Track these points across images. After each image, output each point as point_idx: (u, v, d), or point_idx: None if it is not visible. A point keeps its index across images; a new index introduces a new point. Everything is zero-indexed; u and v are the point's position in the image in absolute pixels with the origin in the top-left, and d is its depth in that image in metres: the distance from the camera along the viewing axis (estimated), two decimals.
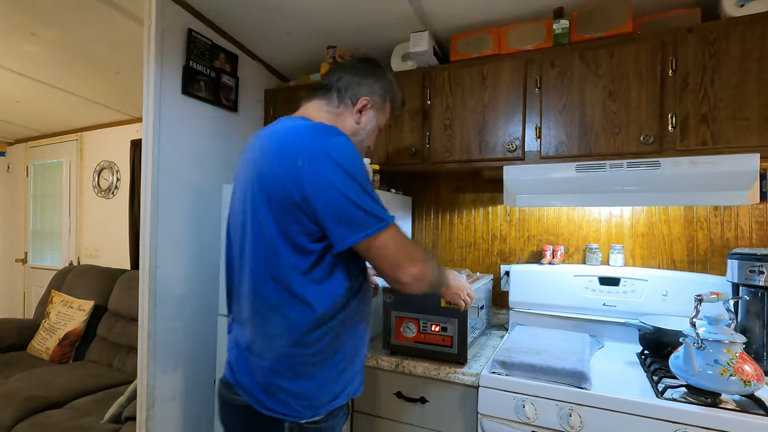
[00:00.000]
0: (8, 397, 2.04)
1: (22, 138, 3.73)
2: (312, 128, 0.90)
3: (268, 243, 0.88)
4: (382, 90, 1.07)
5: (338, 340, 0.92)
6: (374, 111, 1.06)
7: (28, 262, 3.70)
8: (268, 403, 0.88)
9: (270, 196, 0.87)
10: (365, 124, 1.05)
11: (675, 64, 1.33)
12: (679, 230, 1.59)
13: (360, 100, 1.03)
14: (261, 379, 0.89)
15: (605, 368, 1.29)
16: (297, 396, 0.88)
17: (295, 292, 0.87)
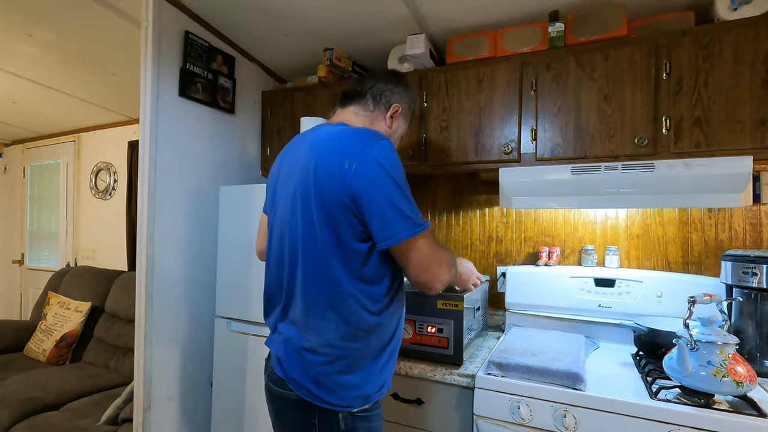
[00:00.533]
0: (5, 399, 2.04)
1: (19, 139, 3.73)
2: (356, 132, 0.96)
3: (321, 244, 0.92)
4: (409, 99, 1.15)
5: (385, 334, 0.98)
6: (403, 118, 1.14)
7: (25, 264, 3.69)
8: (322, 395, 0.93)
9: (322, 199, 0.91)
10: (395, 129, 1.13)
11: (669, 67, 1.34)
12: (674, 232, 1.60)
13: (392, 105, 1.10)
14: (314, 374, 0.93)
15: (600, 369, 1.29)
16: (349, 388, 0.94)
17: (348, 290, 0.92)
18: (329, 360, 0.93)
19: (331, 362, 0.93)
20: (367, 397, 0.96)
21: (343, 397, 0.93)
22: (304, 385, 0.94)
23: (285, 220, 1.00)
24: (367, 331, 0.95)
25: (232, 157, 1.95)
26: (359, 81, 1.12)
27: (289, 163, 1.04)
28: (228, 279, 1.75)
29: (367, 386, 0.96)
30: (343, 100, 1.11)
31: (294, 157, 1.02)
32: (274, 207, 1.07)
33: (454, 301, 1.36)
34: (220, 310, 1.77)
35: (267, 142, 2.10)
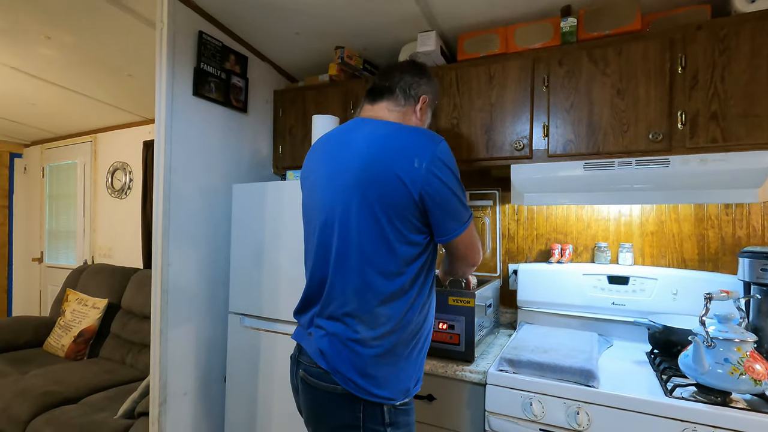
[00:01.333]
0: (25, 393, 2.09)
1: (38, 140, 3.82)
2: (414, 131, 0.99)
3: (377, 239, 0.95)
4: (434, 89, 1.17)
5: (424, 328, 1.03)
6: (429, 108, 1.16)
7: (44, 262, 3.78)
8: (370, 387, 0.94)
9: (382, 195, 0.93)
10: (425, 121, 1.15)
11: (684, 62, 1.32)
12: (690, 228, 1.58)
13: (421, 98, 1.11)
14: (362, 365, 0.95)
15: (614, 367, 1.28)
16: (395, 380, 0.97)
17: (400, 283, 0.96)
18: (380, 353, 0.95)
19: (382, 355, 0.96)
20: (407, 390, 0.99)
21: (390, 389, 0.96)
22: (351, 377, 0.94)
23: (336, 216, 0.98)
24: (413, 324, 0.99)
25: (245, 156, 1.98)
26: (385, 75, 1.12)
27: (336, 161, 1.02)
28: (241, 275, 1.77)
29: (408, 379, 0.99)
30: (372, 96, 1.10)
31: (344, 154, 1.01)
32: (319, 205, 1.04)
33: (466, 298, 1.36)
34: (233, 306, 1.79)
35: (279, 140, 2.12)
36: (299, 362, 1.04)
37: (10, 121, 3.29)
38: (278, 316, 1.66)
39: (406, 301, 0.97)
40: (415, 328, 1.00)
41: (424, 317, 1.02)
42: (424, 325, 1.03)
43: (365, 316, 0.96)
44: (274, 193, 1.70)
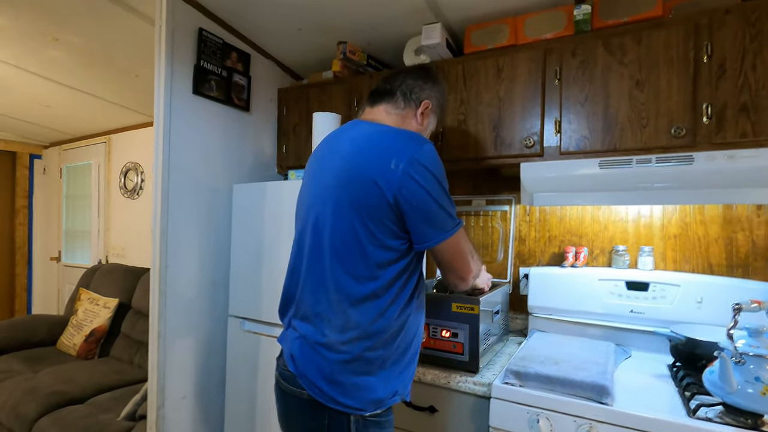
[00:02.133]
0: (34, 392, 2.11)
1: (57, 141, 3.89)
2: (400, 133, 0.96)
3: (350, 240, 0.92)
4: (439, 96, 1.12)
5: (404, 338, 0.97)
6: (433, 114, 1.11)
7: (62, 261, 3.85)
8: (335, 395, 0.90)
9: (356, 197, 0.91)
10: (426, 126, 1.10)
11: (710, 49, 1.21)
12: (717, 231, 1.45)
13: (423, 102, 1.07)
14: (329, 372, 0.91)
15: (631, 381, 1.18)
16: (364, 389, 0.91)
17: (372, 289, 0.91)
18: (347, 359, 0.91)
19: (349, 361, 0.91)
20: (381, 401, 0.93)
21: (357, 399, 0.91)
22: (317, 383, 0.91)
23: (314, 215, 0.99)
24: (386, 333, 0.93)
25: (247, 156, 1.94)
26: (388, 78, 1.10)
27: (324, 161, 1.02)
28: (241, 278, 1.73)
29: (381, 390, 0.93)
30: (372, 98, 1.09)
31: (331, 154, 1.01)
32: (306, 204, 1.04)
33: (470, 305, 1.28)
34: (233, 309, 1.75)
35: (283, 140, 2.07)
36: (277, 364, 1.03)
37: (29, 123, 3.35)
38: (278, 321, 1.61)
39: (377, 306, 0.92)
40: (389, 337, 0.94)
41: (402, 326, 0.96)
42: (402, 335, 0.96)
43: (334, 318, 0.93)
44: (275, 193, 1.65)
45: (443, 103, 1.15)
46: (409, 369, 1.00)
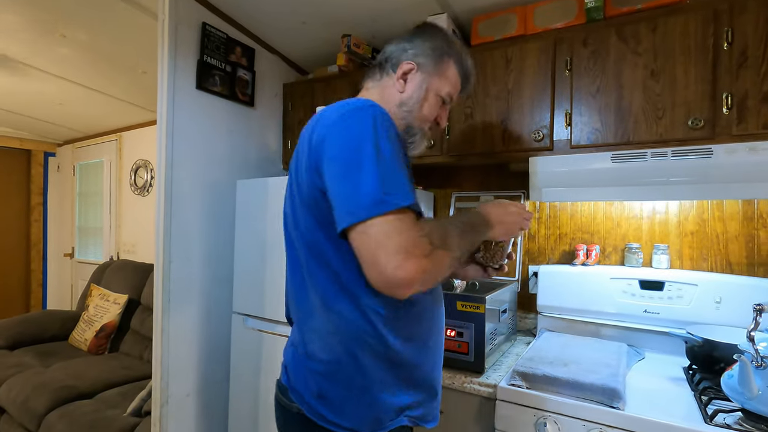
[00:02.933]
0: (44, 386, 2.13)
1: (70, 139, 3.94)
2: (337, 103, 0.79)
3: (307, 233, 0.80)
4: (435, 49, 0.91)
5: (392, 344, 0.80)
6: (423, 74, 0.90)
7: (75, 257, 3.90)
8: (325, 412, 0.79)
9: (300, 184, 0.80)
10: (412, 91, 0.90)
11: (731, 36, 1.15)
12: (737, 228, 1.39)
13: (401, 65, 0.90)
14: (316, 386, 0.80)
15: (644, 384, 1.13)
16: (358, 405, 0.79)
17: (342, 285, 0.78)
18: (330, 370, 0.79)
19: (332, 373, 0.79)
20: (378, 420, 0.79)
21: (351, 418, 0.78)
22: (306, 397, 0.81)
23: (287, 207, 0.90)
24: (367, 336, 0.78)
25: (251, 151, 1.92)
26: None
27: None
28: (245, 275, 1.72)
29: (379, 407, 0.79)
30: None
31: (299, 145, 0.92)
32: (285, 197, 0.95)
33: (476, 303, 1.24)
34: (237, 306, 1.74)
35: (288, 135, 2.05)
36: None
37: (43, 121, 3.40)
38: (281, 318, 1.59)
39: (351, 303, 0.78)
40: (374, 342, 0.78)
41: (389, 330, 0.79)
42: (388, 339, 0.79)
43: (315, 322, 0.82)
44: (278, 189, 1.63)
45: (455, 58, 0.93)
46: (410, 386, 0.82)
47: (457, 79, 0.95)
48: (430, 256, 0.68)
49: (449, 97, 0.94)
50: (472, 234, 0.84)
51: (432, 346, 0.87)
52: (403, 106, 0.90)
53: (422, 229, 0.69)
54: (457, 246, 0.76)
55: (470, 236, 0.83)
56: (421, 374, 0.85)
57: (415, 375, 0.84)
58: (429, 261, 0.67)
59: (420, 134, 0.93)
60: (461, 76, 0.95)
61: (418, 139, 0.94)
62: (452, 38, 0.95)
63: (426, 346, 0.86)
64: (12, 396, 2.14)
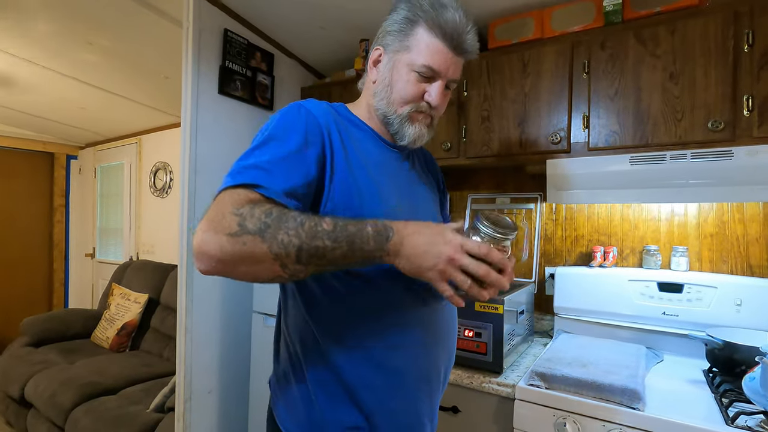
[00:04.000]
0: (70, 382, 2.20)
1: (91, 142, 4.05)
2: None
3: None
4: (397, 22, 0.78)
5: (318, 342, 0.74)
6: (389, 54, 0.79)
7: (96, 257, 4.00)
8: (282, 414, 0.78)
9: None
10: (381, 77, 0.80)
11: (752, 38, 1.15)
12: (758, 230, 1.38)
13: (371, 54, 0.82)
14: (277, 386, 0.81)
15: (663, 386, 1.14)
16: (299, 410, 0.75)
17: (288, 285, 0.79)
18: (280, 371, 0.80)
19: (283, 375, 0.79)
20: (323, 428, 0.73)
21: (296, 421, 0.75)
22: (273, 396, 0.83)
23: None
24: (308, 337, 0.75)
25: None
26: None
27: None
28: None
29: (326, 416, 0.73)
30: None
31: None
32: None
33: (494, 304, 1.26)
34: (257, 305, 1.78)
35: None
36: None
37: (66, 125, 3.50)
38: None
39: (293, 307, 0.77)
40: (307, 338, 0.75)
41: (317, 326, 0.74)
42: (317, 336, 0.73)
43: (279, 318, 0.84)
44: None
45: (408, 26, 0.77)
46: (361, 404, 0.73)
47: (433, 41, 0.76)
48: (236, 239, 0.58)
49: (425, 67, 0.76)
50: (344, 247, 0.61)
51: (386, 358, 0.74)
52: (376, 96, 0.81)
53: (241, 208, 0.60)
54: (295, 247, 0.59)
55: (338, 248, 0.60)
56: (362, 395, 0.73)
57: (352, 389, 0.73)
58: (229, 241, 0.58)
59: (398, 120, 0.79)
60: (441, 37, 0.75)
61: (397, 126, 0.80)
62: (419, 1, 0.77)
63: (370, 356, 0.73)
64: (39, 391, 2.22)
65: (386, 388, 0.74)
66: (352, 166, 0.74)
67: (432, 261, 0.61)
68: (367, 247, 0.61)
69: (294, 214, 0.61)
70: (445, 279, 0.62)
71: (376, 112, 0.82)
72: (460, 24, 0.76)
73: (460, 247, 0.61)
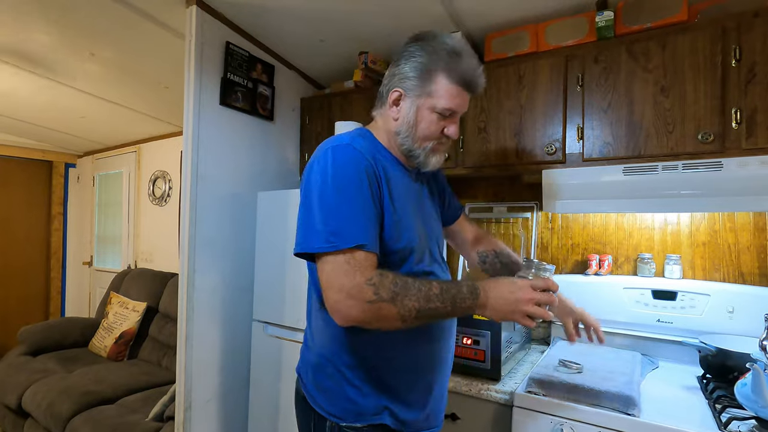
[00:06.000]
0: (68, 391, 2.19)
1: (90, 151, 4.06)
2: (324, 141, 0.91)
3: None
4: (417, 68, 0.88)
5: (365, 348, 0.89)
6: (411, 98, 0.90)
7: (93, 265, 4.00)
8: (317, 398, 0.91)
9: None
10: (403, 117, 0.91)
11: (739, 53, 1.19)
12: (748, 239, 1.41)
13: (390, 93, 0.91)
14: (312, 374, 0.93)
15: (658, 392, 1.16)
16: (340, 396, 0.89)
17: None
18: (320, 362, 0.92)
19: (321, 365, 0.91)
20: (360, 414, 0.88)
21: (334, 405, 0.89)
22: (306, 383, 0.94)
23: None
24: (334, 343, 0.90)
25: (271, 164, 1.99)
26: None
27: None
28: (265, 283, 1.77)
29: (359, 401, 0.88)
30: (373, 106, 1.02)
31: None
32: None
33: None
34: (257, 314, 1.79)
35: (305, 148, 2.12)
36: None
37: (65, 133, 3.51)
38: (301, 326, 1.64)
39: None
40: (339, 348, 0.89)
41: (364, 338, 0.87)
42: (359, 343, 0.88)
43: (311, 319, 0.96)
44: (296, 200, 1.68)
45: (444, 65, 0.87)
46: (392, 384, 0.89)
47: (453, 87, 0.88)
48: (373, 305, 0.76)
49: (447, 110, 0.89)
50: (449, 306, 0.80)
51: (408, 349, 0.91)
52: (399, 134, 0.92)
53: (371, 278, 0.77)
54: (415, 309, 0.77)
55: (445, 308, 0.80)
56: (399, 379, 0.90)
57: (392, 380, 0.90)
58: (370, 308, 0.76)
59: (423, 153, 0.92)
60: (457, 82, 0.87)
61: (422, 159, 0.93)
62: (437, 47, 0.88)
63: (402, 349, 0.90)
64: (37, 401, 2.21)
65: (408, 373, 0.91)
66: (394, 203, 0.87)
67: (513, 306, 0.82)
68: (464, 304, 0.81)
69: (411, 281, 0.79)
70: (526, 316, 0.82)
71: (400, 147, 0.94)
72: (475, 69, 0.89)
73: (530, 288, 0.82)
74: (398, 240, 0.86)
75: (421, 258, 0.91)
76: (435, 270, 0.96)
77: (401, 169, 0.95)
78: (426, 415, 0.94)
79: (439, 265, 0.99)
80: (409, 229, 0.89)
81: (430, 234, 0.98)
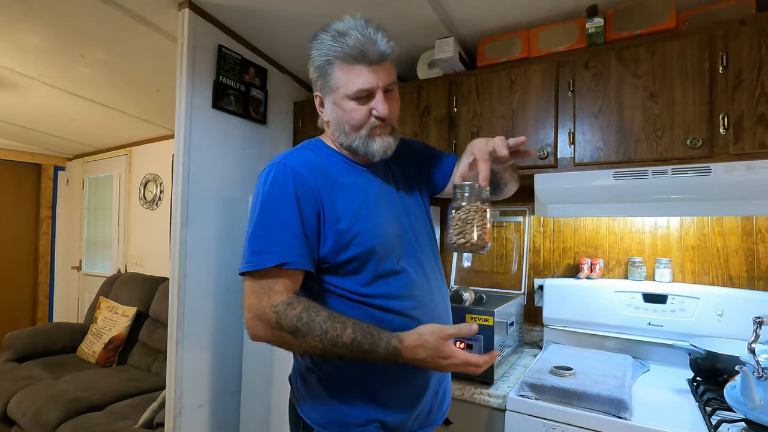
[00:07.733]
0: (55, 398, 2.15)
1: (80, 153, 4.01)
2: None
3: None
4: (317, 67, 0.86)
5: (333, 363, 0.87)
6: (326, 95, 0.89)
7: (82, 270, 3.94)
8: (304, 405, 0.91)
9: None
10: (330, 117, 0.90)
11: (726, 60, 1.21)
12: (737, 243, 1.43)
13: (315, 101, 0.93)
14: (299, 381, 0.93)
15: (649, 395, 1.16)
16: (323, 405, 0.88)
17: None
18: (303, 372, 0.92)
19: (305, 374, 0.91)
20: (345, 424, 0.86)
21: (320, 414, 0.88)
22: (296, 392, 0.94)
23: None
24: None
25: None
26: None
27: None
28: None
29: (346, 410, 0.86)
30: None
31: None
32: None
33: (484, 316, 1.28)
34: None
35: None
36: None
37: (54, 136, 3.47)
38: None
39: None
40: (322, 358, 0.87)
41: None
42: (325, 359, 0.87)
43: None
44: None
45: (325, 68, 0.84)
46: (375, 394, 0.86)
47: (350, 68, 0.83)
48: (276, 332, 0.78)
49: (360, 92, 0.83)
50: (358, 357, 0.79)
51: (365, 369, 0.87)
52: (335, 134, 0.91)
53: (277, 305, 0.78)
54: (319, 349, 0.77)
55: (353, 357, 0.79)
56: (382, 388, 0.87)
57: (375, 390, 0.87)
58: (274, 333, 0.79)
59: (361, 142, 0.88)
60: (353, 60, 0.82)
61: (363, 148, 0.88)
62: (323, 38, 0.84)
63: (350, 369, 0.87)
64: (23, 408, 2.17)
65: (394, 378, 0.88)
66: (342, 213, 0.85)
67: (437, 367, 0.81)
68: (380, 359, 0.79)
69: (320, 320, 0.77)
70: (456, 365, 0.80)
71: (342, 146, 0.92)
72: (364, 40, 0.82)
73: (441, 350, 0.78)
74: (346, 249, 0.84)
75: (385, 256, 0.86)
76: (405, 267, 0.88)
77: (357, 170, 0.92)
78: (416, 415, 0.90)
79: (415, 260, 0.92)
80: (366, 232, 0.85)
81: (403, 228, 0.92)
